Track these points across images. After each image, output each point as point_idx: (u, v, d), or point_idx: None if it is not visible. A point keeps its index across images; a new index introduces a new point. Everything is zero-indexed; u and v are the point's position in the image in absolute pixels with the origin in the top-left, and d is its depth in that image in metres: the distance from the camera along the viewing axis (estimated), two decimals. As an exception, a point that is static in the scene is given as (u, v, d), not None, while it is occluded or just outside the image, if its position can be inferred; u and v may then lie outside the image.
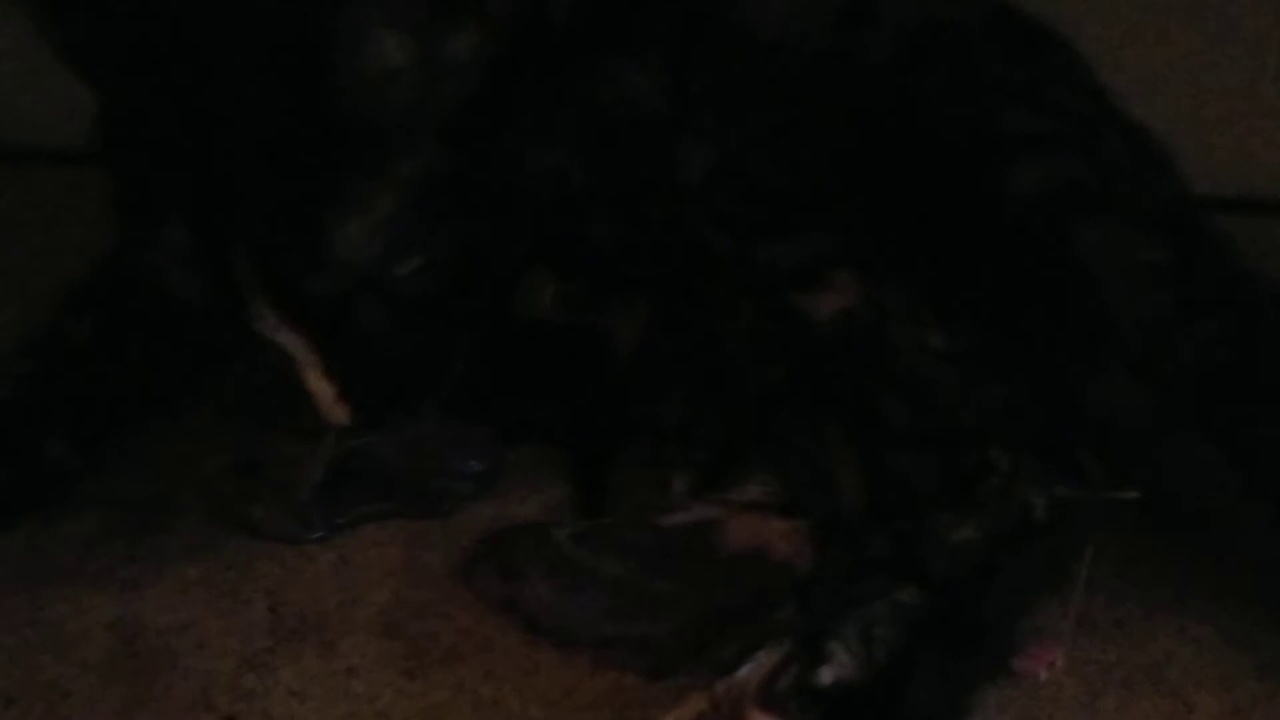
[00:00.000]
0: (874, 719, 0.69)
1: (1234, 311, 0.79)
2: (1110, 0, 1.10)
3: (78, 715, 0.73)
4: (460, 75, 0.78)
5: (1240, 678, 0.75)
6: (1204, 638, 0.78)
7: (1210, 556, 0.81)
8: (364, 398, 0.82)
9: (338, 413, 0.82)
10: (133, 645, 0.77)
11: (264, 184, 0.74)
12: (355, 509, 0.83)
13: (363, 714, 0.73)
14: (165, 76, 0.74)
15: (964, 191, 0.83)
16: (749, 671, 0.68)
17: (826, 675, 0.68)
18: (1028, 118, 0.85)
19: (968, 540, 0.74)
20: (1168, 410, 0.78)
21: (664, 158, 0.87)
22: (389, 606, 0.79)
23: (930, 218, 0.84)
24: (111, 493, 0.84)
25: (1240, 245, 0.82)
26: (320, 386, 0.81)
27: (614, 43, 0.86)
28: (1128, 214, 0.81)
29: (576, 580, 0.78)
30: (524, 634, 0.77)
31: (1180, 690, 0.75)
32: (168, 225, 0.78)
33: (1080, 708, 0.74)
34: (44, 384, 0.84)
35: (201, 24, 0.73)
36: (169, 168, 0.76)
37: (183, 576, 0.80)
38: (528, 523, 0.82)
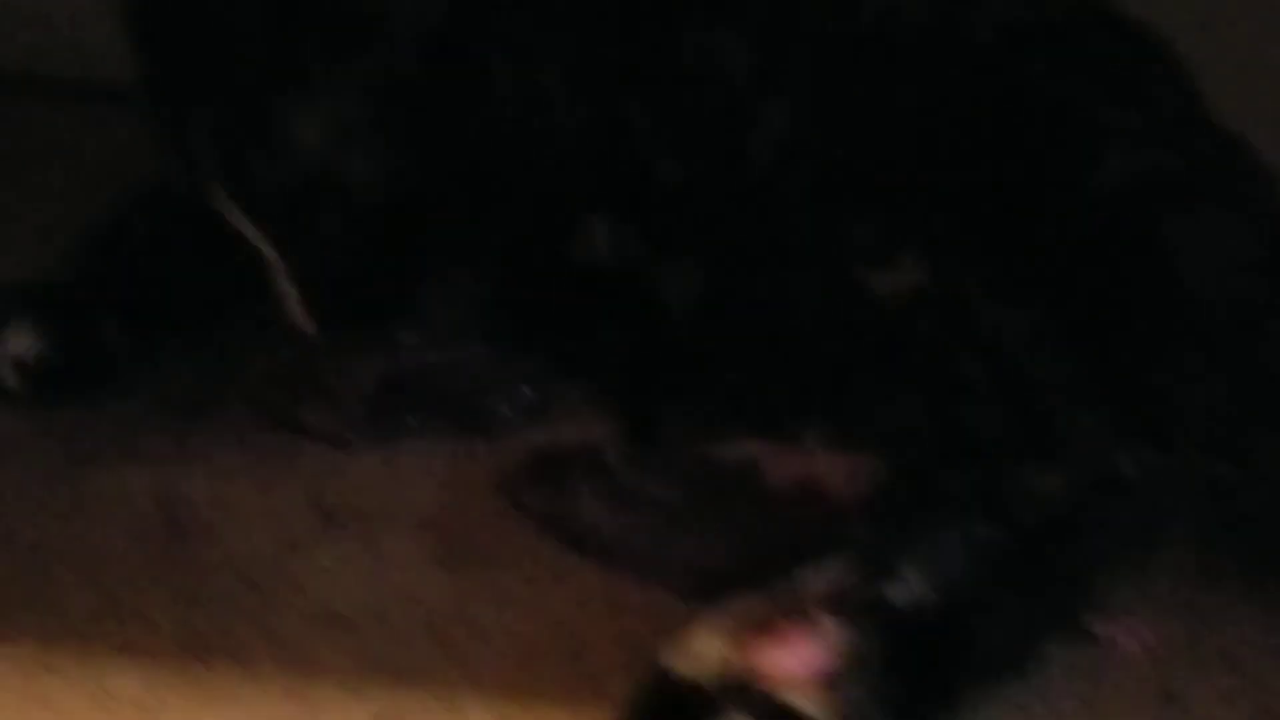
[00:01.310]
0: (940, 648, 0.66)
1: None
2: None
3: (113, 576, 0.72)
4: None
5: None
6: (1276, 625, 0.75)
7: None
8: (323, 309, 0.80)
9: (301, 319, 0.81)
10: (172, 516, 0.76)
11: (222, 66, 0.75)
12: (403, 420, 0.83)
13: (393, 598, 0.72)
14: None
15: (1054, 177, 0.83)
16: (812, 577, 0.66)
17: (898, 595, 0.66)
18: (1123, 111, 0.85)
19: (1051, 488, 0.71)
20: (1249, 400, 0.77)
21: (745, 115, 0.87)
22: (430, 509, 0.78)
23: (1018, 202, 0.84)
24: (160, 385, 0.84)
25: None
26: (287, 289, 0.80)
27: (703, 8, 0.86)
28: (1217, 205, 0.81)
29: (624, 501, 0.77)
30: (565, 548, 0.76)
31: (1252, 669, 0.72)
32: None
33: (1148, 677, 0.71)
34: (104, 272, 0.85)
35: None
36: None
37: (225, 462, 0.80)
38: (578, 443, 0.81)
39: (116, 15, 0.82)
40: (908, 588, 0.65)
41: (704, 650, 0.63)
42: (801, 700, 0.61)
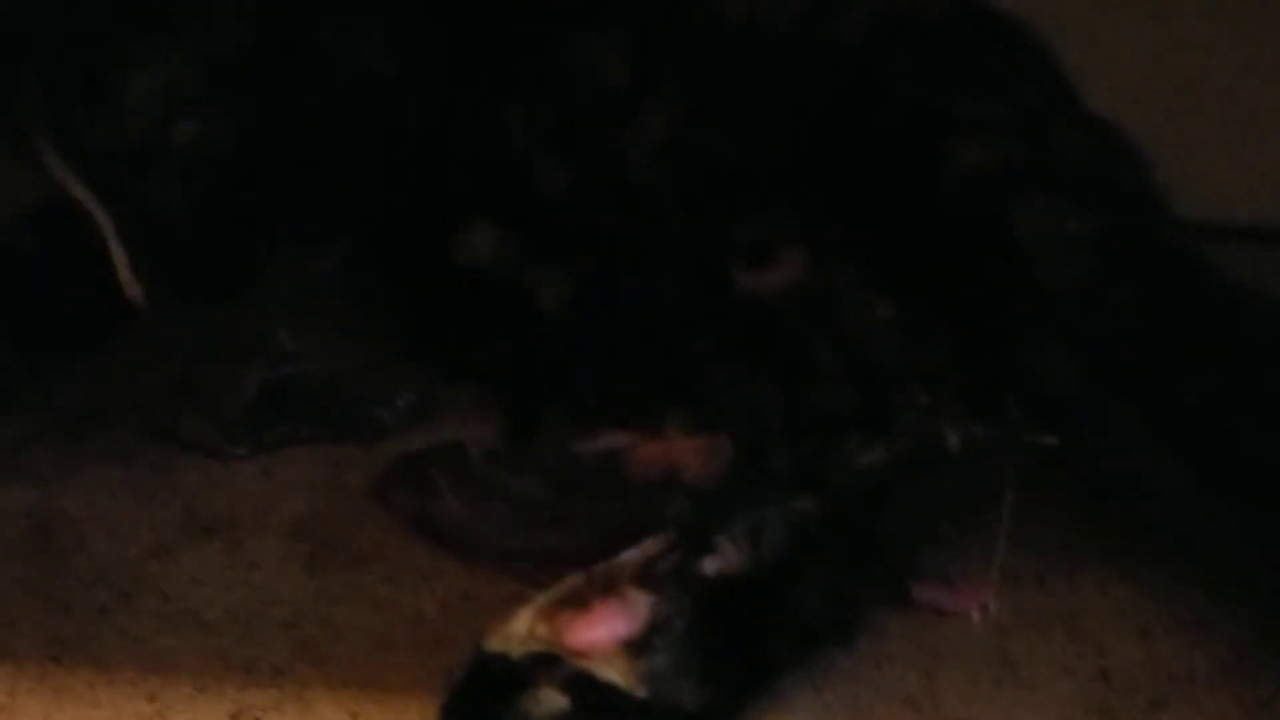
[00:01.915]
0: (752, 615, 0.67)
1: (1157, 282, 0.80)
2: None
3: (-16, 586, 0.75)
4: None
5: (1157, 630, 0.74)
6: (1126, 594, 0.77)
7: (1136, 515, 0.81)
8: (155, 276, 0.81)
9: (134, 288, 0.81)
10: (46, 530, 0.78)
11: (56, 25, 0.76)
12: (281, 429, 0.85)
13: (257, 602, 0.74)
14: None
15: (912, 171, 0.85)
16: (631, 555, 0.68)
17: (710, 565, 0.67)
18: (978, 103, 0.87)
19: (870, 461, 0.73)
20: (1091, 374, 0.79)
21: (620, 123, 0.89)
22: (302, 515, 0.80)
23: (883, 197, 0.86)
24: (47, 401, 0.87)
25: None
26: (118, 255, 0.81)
27: (578, 15, 0.88)
28: (1060, 191, 0.83)
29: (486, 495, 0.78)
30: (430, 547, 0.78)
31: (1094, 637, 0.74)
32: None
33: (988, 646, 0.73)
34: None
35: None
36: None
37: (105, 477, 0.82)
38: (444, 443, 0.82)
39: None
40: (719, 559, 0.67)
41: (518, 629, 0.65)
42: (605, 669, 0.63)
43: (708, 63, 0.89)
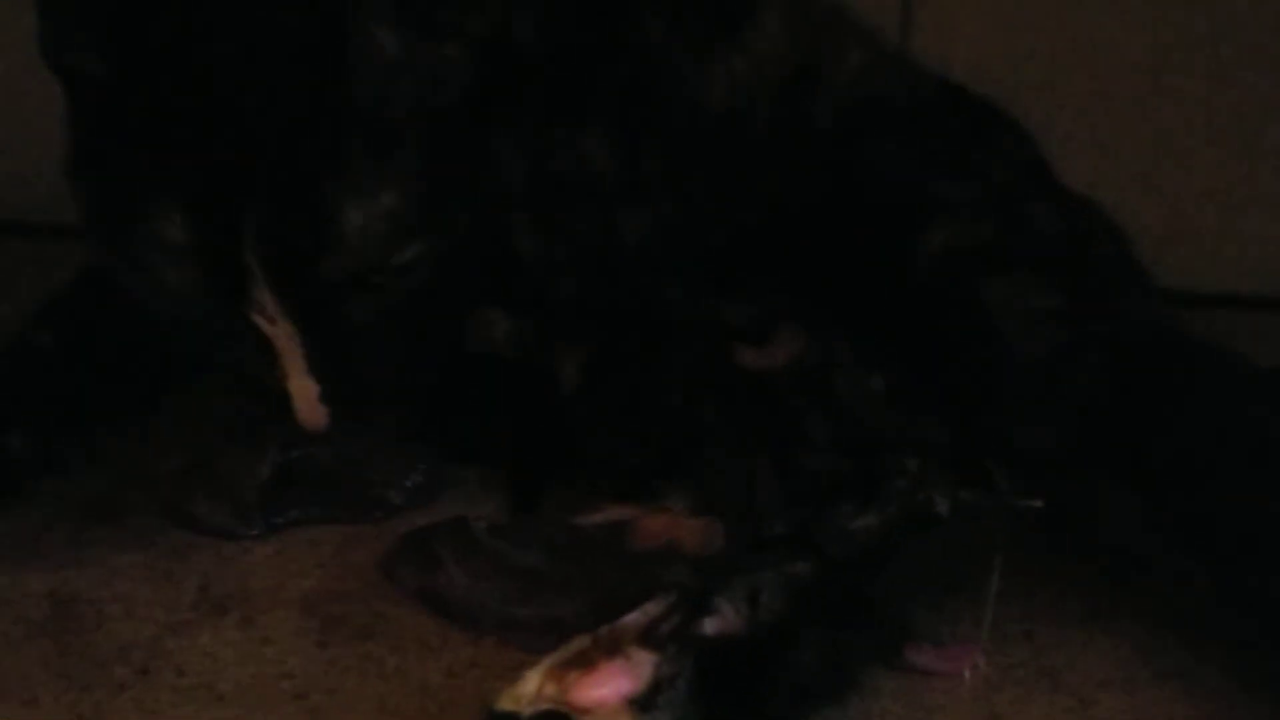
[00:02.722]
0: (751, 675, 0.70)
1: (1123, 350, 0.83)
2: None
3: (5, 665, 0.77)
4: (454, 77, 0.82)
5: (1141, 682, 0.77)
6: (1109, 647, 0.79)
7: (1118, 572, 0.84)
8: (341, 399, 0.83)
9: (315, 415, 0.83)
10: (65, 610, 0.81)
11: (275, 168, 0.77)
12: (293, 511, 0.88)
13: (271, 675, 0.76)
14: (175, 57, 0.77)
15: (888, 249, 0.89)
16: (633, 617, 0.70)
17: (709, 626, 0.70)
18: (951, 186, 0.91)
19: (866, 526, 0.76)
20: (1065, 440, 0.82)
21: (608, 221, 0.93)
22: (312, 591, 0.83)
23: (865, 277, 0.89)
24: (63, 488, 0.89)
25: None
26: (301, 385, 0.82)
27: (563, 109, 0.92)
28: (1028, 269, 0.87)
29: (489, 567, 0.81)
30: (438, 619, 0.80)
31: (1080, 690, 0.76)
32: (156, 222, 0.79)
33: (975, 700, 0.75)
34: (7, 386, 0.90)
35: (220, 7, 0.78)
36: (165, 160, 0.78)
37: (121, 560, 0.85)
38: (449, 518, 0.85)
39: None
40: (719, 620, 0.70)
41: (527, 689, 0.67)
42: (607, 726, 0.66)
43: (690, 152, 0.93)
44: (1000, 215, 0.90)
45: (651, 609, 0.71)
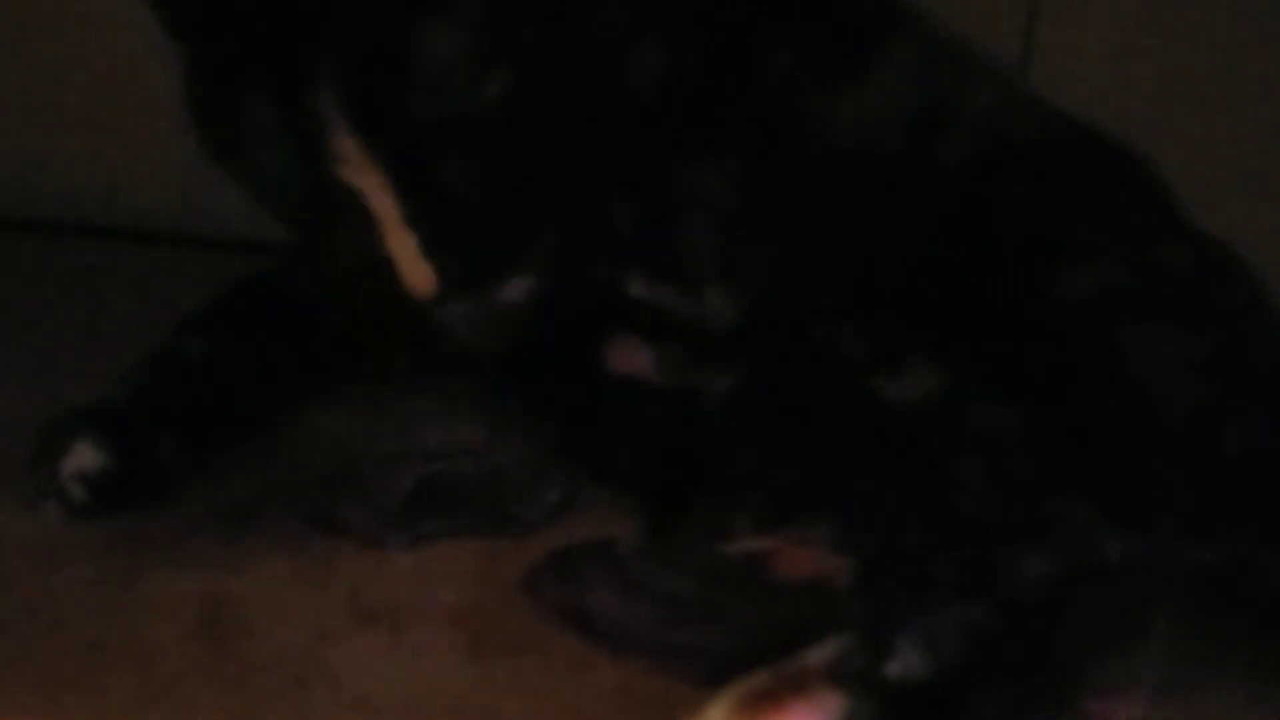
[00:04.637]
0: (934, 718, 0.70)
1: (1268, 398, 0.83)
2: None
3: (161, 668, 0.78)
4: None
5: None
6: (1270, 710, 0.79)
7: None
8: (447, 261, 0.80)
9: (420, 274, 0.79)
10: (217, 614, 0.82)
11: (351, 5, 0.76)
12: (431, 523, 0.88)
13: (422, 687, 0.77)
14: None
15: (1026, 293, 0.88)
16: (816, 655, 0.71)
17: (894, 668, 0.71)
18: (1086, 230, 0.91)
19: (1040, 571, 0.76)
20: (1221, 492, 0.81)
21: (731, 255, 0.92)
22: (459, 604, 0.83)
23: (1000, 315, 0.89)
24: (213, 494, 0.90)
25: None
26: (402, 245, 0.79)
27: (689, 152, 0.91)
28: (1172, 316, 0.86)
29: (635, 591, 0.82)
30: (582, 640, 0.81)
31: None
32: (250, 110, 0.78)
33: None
34: (160, 393, 0.91)
35: None
36: (247, 45, 0.77)
37: (271, 566, 0.86)
38: (594, 538, 0.86)
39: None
40: (903, 663, 0.70)
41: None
42: (801, 763, 0.66)
43: (819, 188, 0.93)
44: (1138, 259, 0.89)
45: (833, 647, 0.71)
